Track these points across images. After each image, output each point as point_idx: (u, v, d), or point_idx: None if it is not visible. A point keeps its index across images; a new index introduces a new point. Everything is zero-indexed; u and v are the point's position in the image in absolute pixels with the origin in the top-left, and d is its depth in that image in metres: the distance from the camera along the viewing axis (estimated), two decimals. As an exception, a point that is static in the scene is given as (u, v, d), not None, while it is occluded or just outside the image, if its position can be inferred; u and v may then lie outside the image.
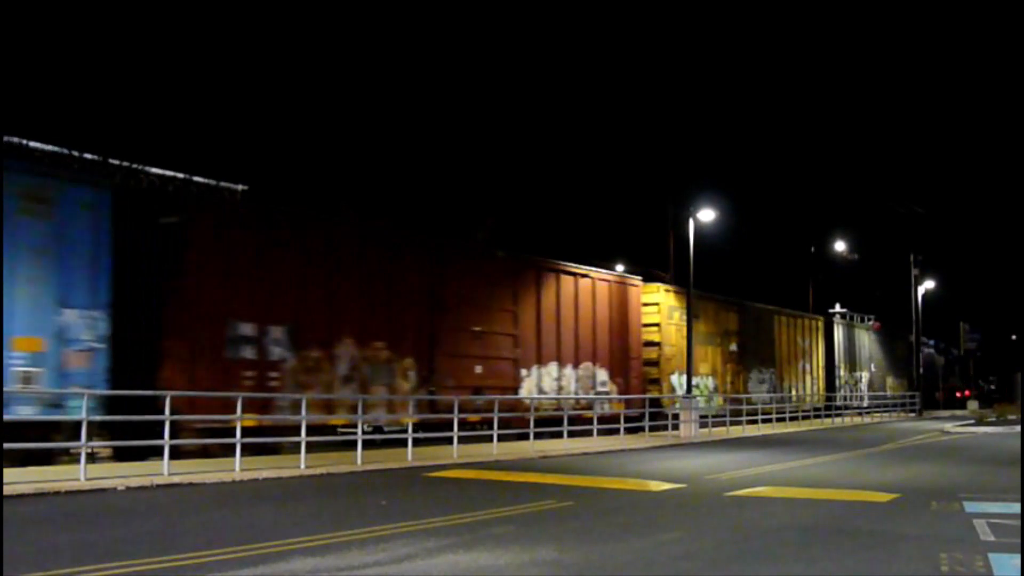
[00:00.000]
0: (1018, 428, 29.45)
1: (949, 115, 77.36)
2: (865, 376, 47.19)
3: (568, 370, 26.02)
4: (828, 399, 40.86)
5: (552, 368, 25.39)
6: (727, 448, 23.07)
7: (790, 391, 38.58)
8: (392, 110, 45.41)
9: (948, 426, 34.29)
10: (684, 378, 29.09)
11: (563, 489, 13.66)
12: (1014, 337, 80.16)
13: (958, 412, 50.08)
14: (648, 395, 27.46)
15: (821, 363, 42.55)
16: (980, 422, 36.71)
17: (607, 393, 27.18)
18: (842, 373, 44.07)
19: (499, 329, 23.88)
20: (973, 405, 52.67)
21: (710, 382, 32.39)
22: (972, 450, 23.11)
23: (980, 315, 68.54)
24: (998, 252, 71.69)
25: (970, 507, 11.81)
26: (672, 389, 30.08)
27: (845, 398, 43.48)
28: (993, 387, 72.83)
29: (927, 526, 10.58)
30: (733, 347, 34.01)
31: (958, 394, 60.23)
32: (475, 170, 45.44)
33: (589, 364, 26.86)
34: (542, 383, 24.99)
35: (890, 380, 51.00)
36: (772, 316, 38.09)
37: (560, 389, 25.57)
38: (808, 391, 40.51)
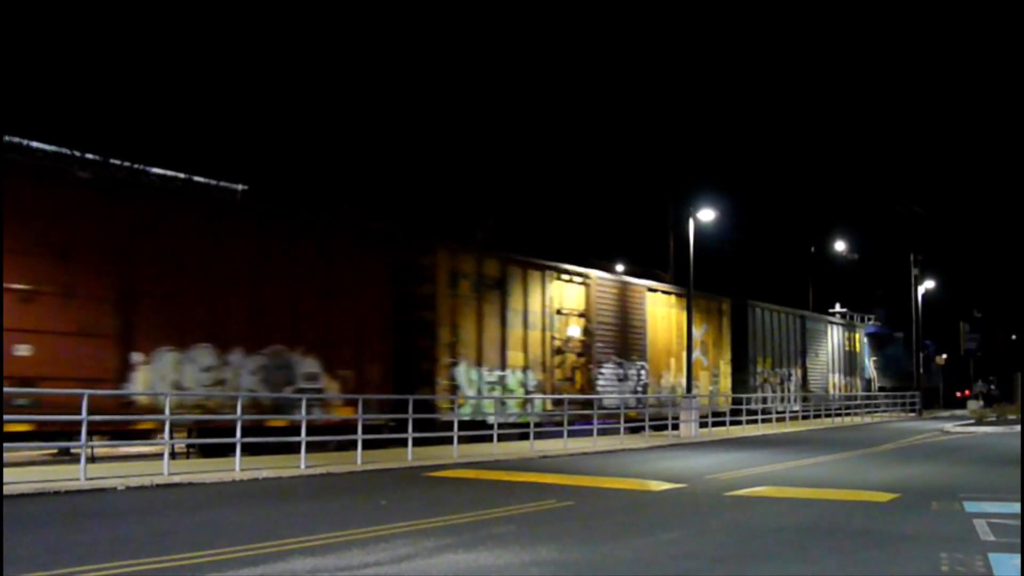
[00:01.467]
0: (1018, 428, 29.46)
1: (950, 115, 77.42)
2: (796, 373, 39.57)
3: (237, 356, 17.91)
4: (736, 401, 32.42)
5: (204, 353, 17.41)
6: (728, 448, 23.09)
7: (673, 390, 30.73)
8: (392, 109, 45.49)
9: (948, 426, 34.30)
10: (475, 373, 23.02)
11: (563, 489, 13.66)
12: (1014, 337, 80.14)
13: (958, 412, 50.11)
14: (414, 396, 19.06)
15: (728, 356, 34.76)
16: (980, 422, 36.71)
17: (318, 391, 19.14)
18: (760, 369, 36.28)
19: (82, 291, 15.82)
20: (973, 405, 52.58)
21: (529, 378, 24.85)
22: (972, 450, 23.13)
23: (980, 315, 68.63)
24: (998, 252, 71.69)
25: (970, 507, 11.82)
26: (453, 388, 22.34)
27: (765, 400, 35.47)
28: (993, 387, 72.78)
29: (927, 526, 10.58)
30: (573, 331, 26.77)
31: (958, 394, 60.03)
32: (475, 170, 45.49)
33: (282, 348, 18.79)
34: (181, 375, 17.03)
35: (835, 379, 44.10)
36: (643, 294, 30.06)
37: (220, 384, 17.58)
38: (703, 390, 32.34)
